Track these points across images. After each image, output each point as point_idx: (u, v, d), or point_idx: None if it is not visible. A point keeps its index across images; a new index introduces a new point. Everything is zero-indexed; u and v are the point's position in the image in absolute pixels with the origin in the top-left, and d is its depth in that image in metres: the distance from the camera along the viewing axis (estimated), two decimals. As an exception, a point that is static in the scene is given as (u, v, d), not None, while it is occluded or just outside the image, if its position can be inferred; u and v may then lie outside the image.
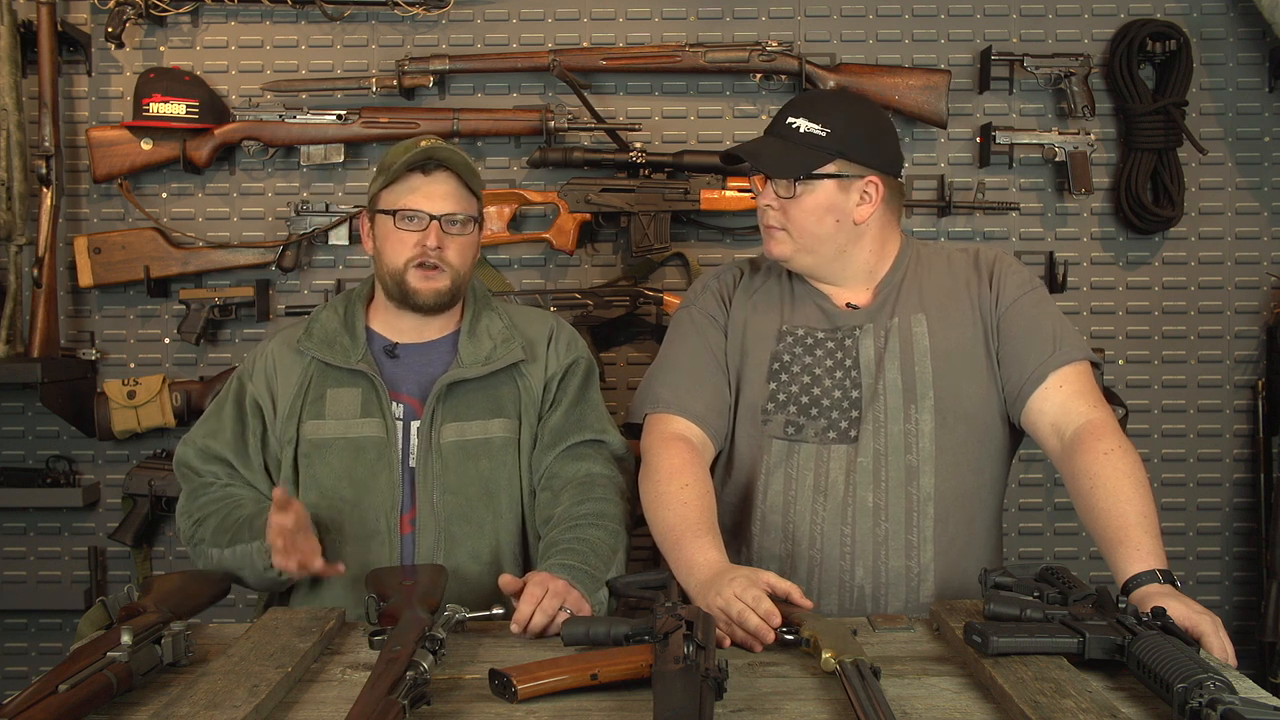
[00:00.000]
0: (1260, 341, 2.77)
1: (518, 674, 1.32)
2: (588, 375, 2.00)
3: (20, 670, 2.82)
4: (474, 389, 1.91)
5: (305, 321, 1.98)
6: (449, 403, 1.89)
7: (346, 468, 1.87)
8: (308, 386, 1.90)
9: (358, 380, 1.89)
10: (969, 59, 2.76)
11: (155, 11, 2.69)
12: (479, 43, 2.76)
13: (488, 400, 1.91)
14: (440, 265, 1.86)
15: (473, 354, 1.92)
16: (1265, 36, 2.72)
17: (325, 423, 1.88)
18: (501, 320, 1.97)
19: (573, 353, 1.99)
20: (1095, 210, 2.77)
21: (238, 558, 1.78)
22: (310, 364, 1.91)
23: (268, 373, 1.93)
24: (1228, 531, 2.80)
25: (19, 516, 2.81)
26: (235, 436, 1.91)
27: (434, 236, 1.85)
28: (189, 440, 1.94)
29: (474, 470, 1.88)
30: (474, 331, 1.94)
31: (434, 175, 1.86)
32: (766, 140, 1.87)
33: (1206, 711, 1.11)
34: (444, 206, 1.86)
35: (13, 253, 2.64)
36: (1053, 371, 1.81)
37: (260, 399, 1.92)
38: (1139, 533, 1.62)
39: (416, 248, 1.85)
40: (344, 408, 1.88)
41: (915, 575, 1.81)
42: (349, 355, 1.89)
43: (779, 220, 1.85)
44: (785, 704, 1.31)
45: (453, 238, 1.87)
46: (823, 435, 1.84)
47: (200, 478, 1.91)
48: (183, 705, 1.23)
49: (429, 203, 1.86)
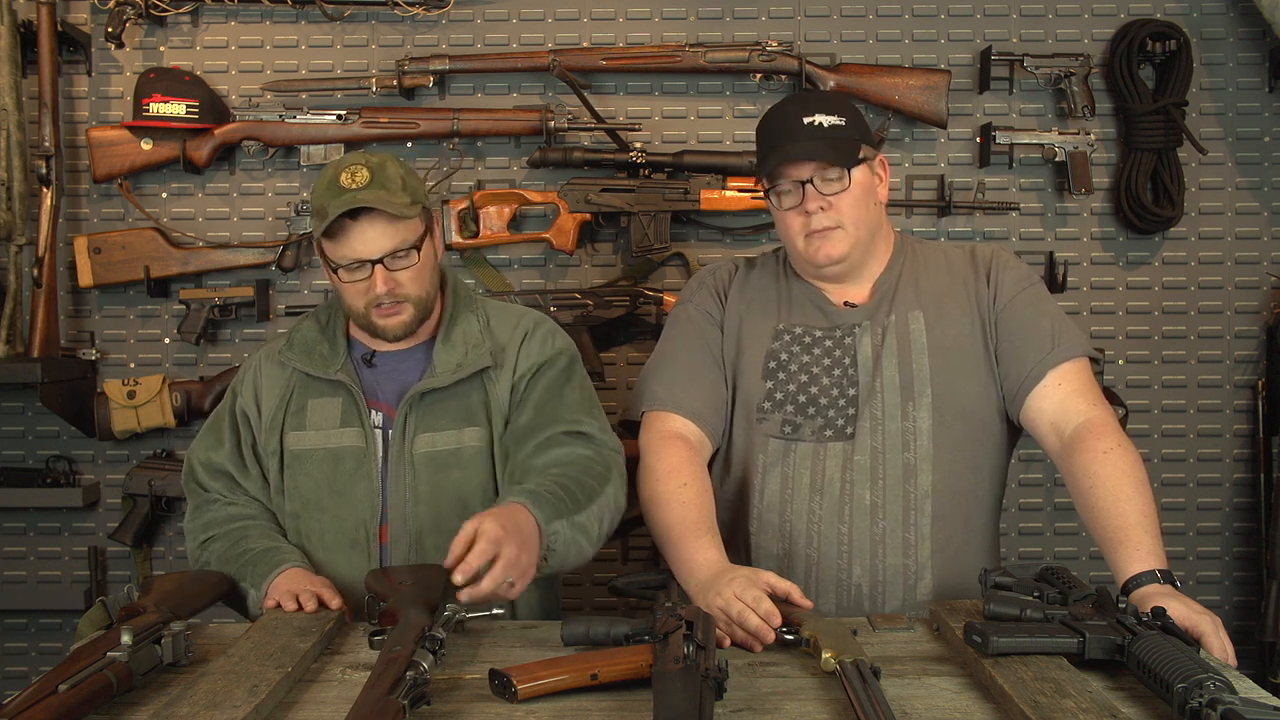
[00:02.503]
0: (1260, 341, 2.77)
1: (518, 674, 1.32)
2: (565, 371, 1.90)
3: (20, 670, 2.82)
4: (445, 397, 1.85)
5: (288, 332, 1.97)
6: (420, 412, 1.84)
7: (326, 477, 1.85)
8: (289, 398, 1.89)
9: (337, 390, 1.87)
10: (969, 59, 2.76)
11: (155, 11, 2.69)
12: (479, 43, 2.76)
13: (459, 408, 1.86)
14: (398, 300, 1.81)
15: (446, 361, 1.86)
16: (1265, 36, 2.72)
17: (306, 433, 1.86)
18: (478, 323, 1.91)
19: (547, 350, 1.90)
20: (1095, 210, 2.77)
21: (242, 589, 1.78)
22: (292, 375, 1.90)
23: (255, 384, 1.92)
24: (1228, 531, 2.80)
25: (19, 516, 2.81)
26: (233, 448, 1.90)
27: (381, 283, 1.78)
28: (194, 453, 1.93)
29: (446, 481, 1.84)
30: (449, 337, 1.89)
31: (362, 219, 1.76)
32: (805, 143, 1.81)
33: (1206, 711, 1.11)
34: (381, 247, 1.77)
35: (13, 253, 2.64)
36: (1051, 369, 1.81)
37: (247, 410, 1.91)
38: (1139, 532, 1.62)
39: (369, 294, 1.79)
40: (324, 418, 1.86)
41: (913, 573, 1.81)
42: (328, 365, 1.88)
43: (833, 219, 1.81)
44: (785, 704, 1.31)
45: (401, 271, 1.80)
46: (819, 434, 1.84)
47: (206, 492, 1.90)
48: (183, 705, 1.23)
49: (365, 248, 1.77)
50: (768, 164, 1.84)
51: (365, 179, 1.75)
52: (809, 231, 1.82)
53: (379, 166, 1.78)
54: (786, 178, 1.82)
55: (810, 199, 1.81)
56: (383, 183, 1.76)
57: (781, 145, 1.82)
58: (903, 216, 2.75)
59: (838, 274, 1.88)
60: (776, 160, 1.81)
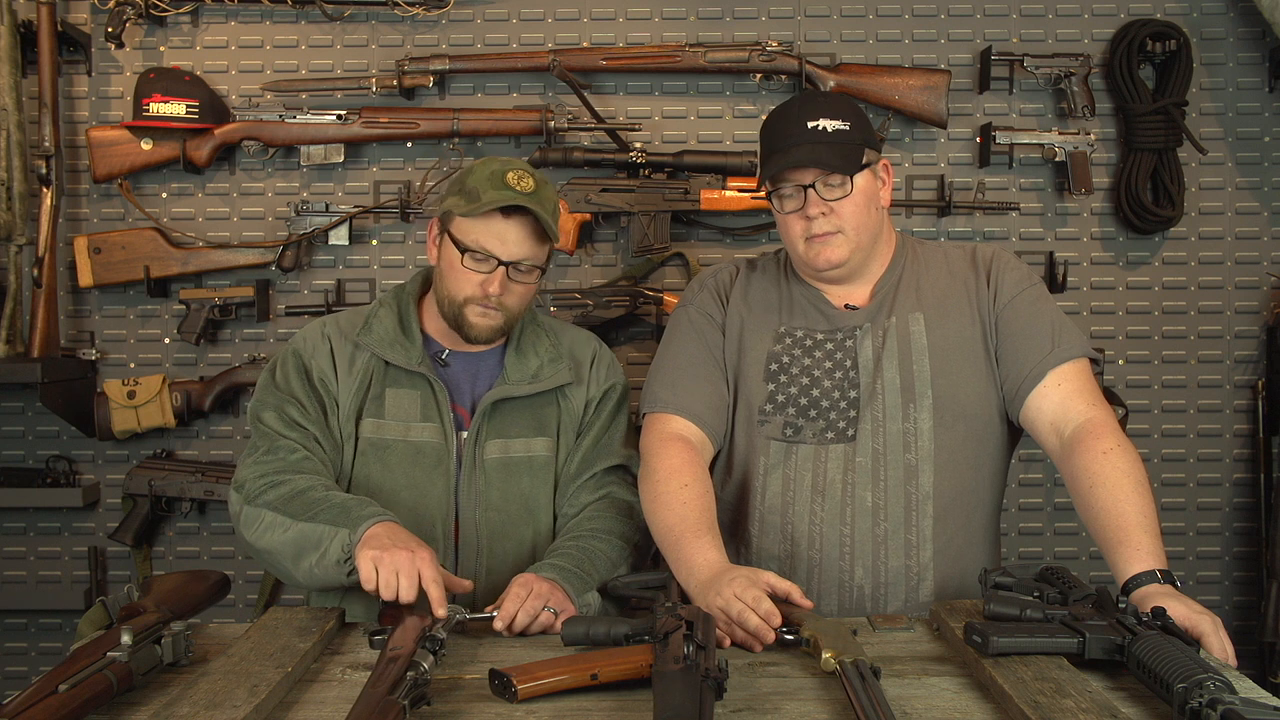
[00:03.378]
0: (1260, 341, 2.77)
1: (518, 674, 1.32)
2: (621, 401, 1.99)
3: (20, 670, 2.83)
4: (519, 406, 1.90)
5: (360, 314, 1.93)
6: (494, 419, 1.88)
7: (405, 471, 1.85)
8: (369, 384, 1.87)
9: (417, 383, 1.87)
10: (969, 59, 2.76)
11: (155, 11, 2.69)
12: (479, 43, 2.76)
13: (532, 418, 1.91)
14: (499, 307, 1.83)
15: (519, 371, 1.91)
16: (1265, 36, 2.72)
17: (385, 423, 1.86)
18: (548, 338, 1.96)
19: (612, 377, 1.99)
20: (1095, 210, 2.77)
21: (314, 536, 1.67)
22: (371, 360, 1.88)
23: (334, 358, 1.88)
24: (1228, 531, 2.80)
25: (19, 516, 2.81)
26: (317, 412, 1.85)
27: (498, 284, 1.81)
28: (262, 404, 1.85)
29: (515, 488, 1.88)
30: (521, 348, 1.93)
31: (513, 218, 1.80)
32: (809, 148, 1.80)
33: (1206, 711, 1.11)
34: (516, 253, 1.81)
35: (13, 253, 2.64)
36: (1051, 370, 1.81)
37: (327, 380, 1.87)
38: (1139, 532, 1.61)
39: (479, 289, 1.82)
40: (404, 409, 1.86)
41: (914, 574, 1.81)
42: (409, 356, 1.87)
43: (833, 224, 1.81)
44: (785, 704, 1.31)
45: (515, 284, 1.84)
46: (821, 436, 1.84)
47: (284, 438, 1.81)
48: (183, 705, 1.23)
49: (502, 247, 1.81)
50: (770, 167, 1.83)
51: (531, 187, 1.80)
52: (810, 236, 1.82)
53: (543, 182, 1.84)
54: (789, 181, 1.82)
55: (812, 204, 1.80)
56: (543, 200, 1.81)
57: (784, 149, 1.81)
58: (903, 216, 2.75)
59: (838, 277, 1.88)
60: (779, 164, 1.81)
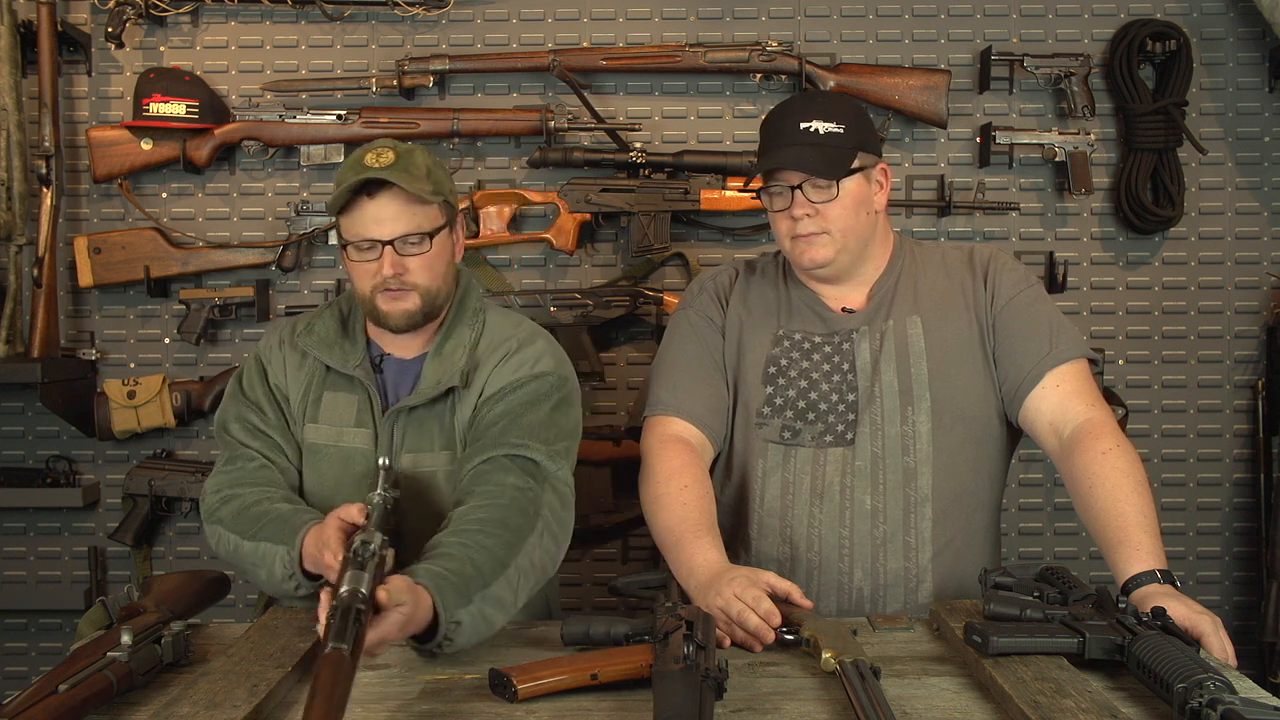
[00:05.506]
0: (1260, 341, 2.77)
1: (518, 674, 1.32)
2: (538, 394, 1.75)
3: (20, 670, 2.82)
4: (426, 417, 1.77)
5: (307, 316, 1.90)
6: (407, 429, 1.77)
7: (336, 478, 1.79)
8: (309, 387, 1.83)
9: (355, 387, 1.80)
10: (969, 59, 2.76)
11: (155, 11, 2.69)
12: (479, 43, 2.76)
13: (440, 429, 1.78)
14: (404, 287, 1.73)
15: (431, 376, 1.78)
16: (1265, 36, 2.72)
17: (320, 427, 1.81)
18: (471, 337, 1.81)
19: (521, 373, 1.76)
20: (1095, 210, 2.77)
21: (258, 555, 1.66)
22: (313, 364, 1.84)
23: (285, 362, 1.85)
24: (1228, 531, 2.80)
25: (19, 516, 2.81)
26: (275, 414, 1.82)
27: (389, 264, 1.71)
28: (226, 412, 1.84)
29: (429, 504, 1.75)
30: (440, 351, 1.79)
31: (379, 197, 1.70)
32: (795, 150, 1.81)
33: (1206, 711, 1.11)
34: (394, 229, 1.70)
35: (13, 253, 2.64)
36: (1049, 370, 1.81)
37: (281, 384, 1.84)
38: (1139, 533, 1.62)
39: (377, 276, 1.72)
40: (339, 414, 1.80)
41: (914, 576, 1.81)
42: (347, 359, 1.81)
43: (818, 225, 1.81)
44: (785, 704, 1.31)
45: (412, 257, 1.73)
46: (819, 439, 1.84)
47: (245, 447, 1.79)
48: (183, 705, 1.23)
49: (378, 228, 1.70)
50: (757, 166, 1.86)
51: (390, 160, 1.69)
52: (795, 235, 1.84)
53: (407, 151, 1.72)
54: (779, 181, 1.83)
55: (797, 205, 1.82)
56: (406, 166, 1.70)
57: (774, 149, 1.84)
58: (903, 216, 2.75)
59: (826, 276, 1.89)
60: (767, 164, 1.83)
